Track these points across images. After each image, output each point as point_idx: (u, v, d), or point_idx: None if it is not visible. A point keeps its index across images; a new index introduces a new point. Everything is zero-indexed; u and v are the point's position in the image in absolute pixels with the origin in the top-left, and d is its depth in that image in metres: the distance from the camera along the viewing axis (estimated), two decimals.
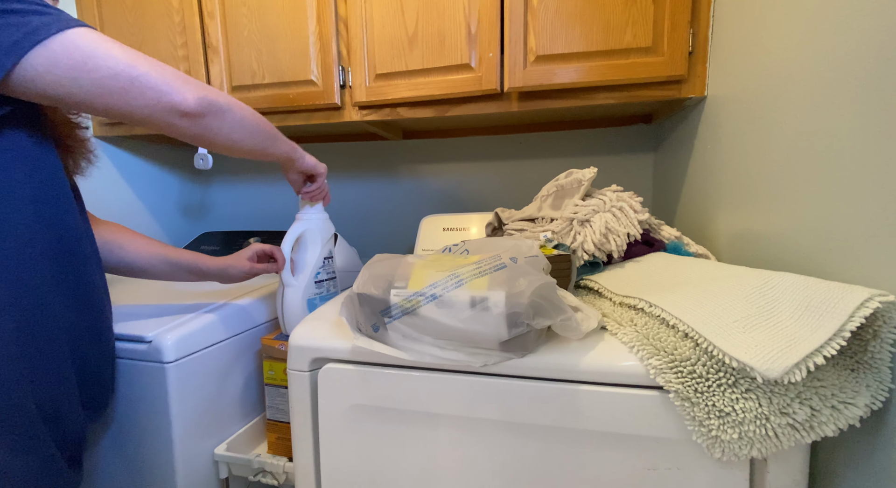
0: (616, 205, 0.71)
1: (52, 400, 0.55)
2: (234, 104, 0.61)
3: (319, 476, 0.61)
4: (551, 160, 1.27)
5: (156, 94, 0.52)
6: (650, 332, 0.50)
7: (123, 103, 0.51)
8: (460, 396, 0.53)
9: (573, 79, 0.88)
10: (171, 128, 0.56)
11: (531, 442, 0.52)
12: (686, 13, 0.83)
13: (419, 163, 1.37)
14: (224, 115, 0.59)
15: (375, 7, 0.97)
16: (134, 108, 0.52)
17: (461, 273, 0.50)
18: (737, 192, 0.73)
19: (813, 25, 0.54)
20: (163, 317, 0.77)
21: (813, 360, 0.38)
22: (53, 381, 0.56)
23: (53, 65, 0.47)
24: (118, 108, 0.52)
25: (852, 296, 0.40)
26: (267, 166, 1.49)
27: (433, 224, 1.14)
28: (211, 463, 0.79)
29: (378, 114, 1.03)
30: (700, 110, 0.89)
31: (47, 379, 0.55)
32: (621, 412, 0.49)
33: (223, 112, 0.59)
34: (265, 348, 0.80)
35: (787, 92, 0.59)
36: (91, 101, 0.50)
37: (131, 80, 0.50)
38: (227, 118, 0.60)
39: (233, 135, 0.62)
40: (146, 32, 1.10)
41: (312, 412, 0.60)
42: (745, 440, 0.42)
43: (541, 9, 0.87)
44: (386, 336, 0.51)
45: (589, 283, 0.67)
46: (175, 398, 0.71)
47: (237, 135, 0.62)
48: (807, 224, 0.55)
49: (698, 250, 0.75)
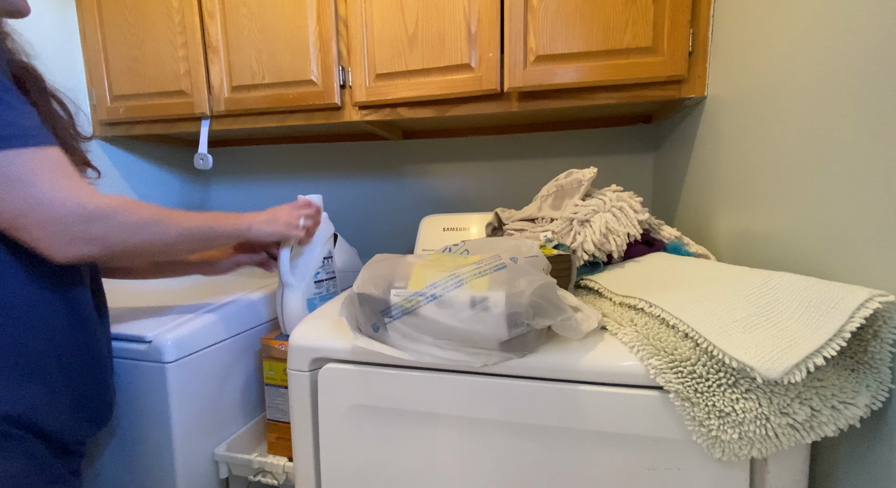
0: (616, 205, 0.71)
1: (44, 415, 0.54)
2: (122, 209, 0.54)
3: (319, 476, 0.61)
4: (551, 160, 1.27)
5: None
6: (650, 332, 0.50)
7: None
8: (460, 396, 0.53)
9: (573, 79, 0.88)
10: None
11: (531, 442, 0.52)
12: (686, 13, 0.83)
13: (419, 163, 1.37)
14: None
15: (375, 7, 0.97)
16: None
17: (461, 273, 0.50)
18: (737, 192, 0.73)
19: (813, 25, 0.54)
20: (163, 317, 0.77)
21: (813, 361, 0.38)
22: (44, 397, 0.54)
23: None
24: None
25: (852, 297, 0.40)
26: (266, 166, 1.49)
27: (433, 224, 1.14)
28: (211, 463, 0.79)
29: (378, 114, 1.03)
30: (700, 110, 0.89)
31: (38, 396, 0.54)
32: (621, 412, 0.49)
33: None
34: (265, 348, 0.80)
35: (786, 92, 0.59)
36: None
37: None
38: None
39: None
40: (146, 32, 1.10)
41: (312, 412, 0.60)
42: (745, 440, 0.42)
43: (541, 9, 0.87)
44: (386, 336, 0.51)
45: (589, 283, 0.67)
46: (175, 398, 0.71)
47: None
48: (807, 224, 0.55)
49: (698, 250, 0.75)
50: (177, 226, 0.59)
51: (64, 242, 0.49)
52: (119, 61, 1.13)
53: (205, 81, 1.09)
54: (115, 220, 0.52)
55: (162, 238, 0.57)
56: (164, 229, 0.57)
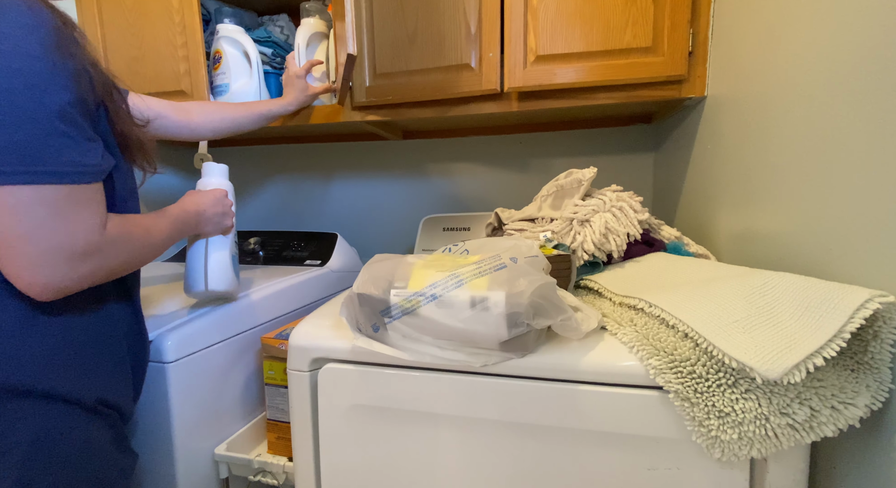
0: (616, 205, 0.71)
1: (122, 395, 0.61)
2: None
3: (319, 476, 0.61)
4: (551, 160, 1.27)
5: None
6: (650, 332, 0.50)
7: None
8: (460, 396, 0.53)
9: (573, 79, 0.88)
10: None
11: (531, 442, 0.52)
12: (686, 13, 0.83)
13: (419, 163, 1.37)
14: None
15: (375, 7, 0.97)
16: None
17: (461, 273, 0.50)
18: (737, 192, 0.73)
19: (813, 25, 0.54)
20: (163, 317, 0.77)
21: (813, 361, 0.38)
22: (119, 380, 0.61)
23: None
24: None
25: (852, 297, 0.40)
26: (266, 166, 1.49)
27: (433, 224, 1.15)
28: (211, 463, 0.79)
29: (378, 114, 1.03)
30: (700, 110, 0.89)
31: (114, 378, 0.60)
32: (621, 412, 0.49)
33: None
34: (265, 348, 0.80)
35: (786, 92, 0.59)
36: None
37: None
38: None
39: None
40: (146, 32, 1.10)
41: (312, 412, 0.60)
42: (745, 440, 0.43)
43: (541, 8, 0.87)
44: (386, 336, 0.51)
45: (589, 283, 0.67)
46: (175, 398, 0.71)
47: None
48: (807, 224, 0.55)
49: (698, 250, 0.75)
50: (158, 238, 0.62)
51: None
52: (119, 61, 1.13)
53: (205, 81, 1.09)
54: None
55: (143, 259, 0.60)
56: (147, 251, 0.60)
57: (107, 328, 0.58)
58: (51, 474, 0.51)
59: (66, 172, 0.46)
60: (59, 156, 0.45)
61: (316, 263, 1.16)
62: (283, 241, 1.26)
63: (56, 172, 0.45)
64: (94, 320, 0.57)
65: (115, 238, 0.53)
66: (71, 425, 0.53)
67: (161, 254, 0.64)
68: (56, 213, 0.46)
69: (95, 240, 0.50)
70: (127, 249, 0.55)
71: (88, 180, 0.48)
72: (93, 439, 0.56)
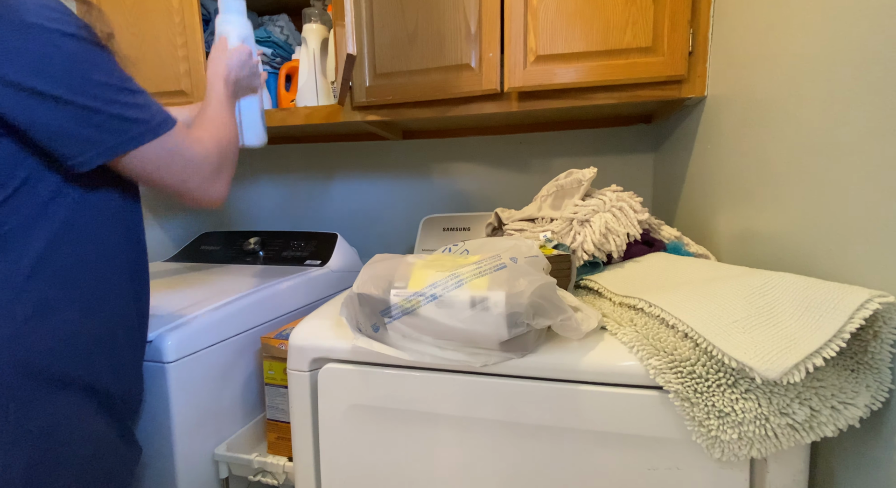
0: (616, 205, 0.71)
1: (129, 385, 0.64)
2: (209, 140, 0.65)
3: (319, 476, 0.61)
4: (551, 160, 1.27)
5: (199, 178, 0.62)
6: (650, 332, 0.50)
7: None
8: (460, 396, 0.53)
9: (573, 79, 0.88)
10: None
11: (531, 442, 0.52)
12: (686, 13, 0.83)
13: (419, 163, 1.37)
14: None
15: (375, 7, 0.97)
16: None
17: (461, 273, 0.50)
18: (737, 192, 0.73)
19: (813, 25, 0.54)
20: (163, 317, 0.77)
21: (812, 361, 0.38)
22: (132, 372, 0.64)
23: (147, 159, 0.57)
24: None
25: (852, 297, 0.40)
26: (266, 166, 1.49)
27: (433, 224, 1.15)
28: (211, 463, 0.79)
29: (378, 114, 1.03)
30: (700, 110, 0.89)
31: (128, 368, 0.63)
32: (621, 412, 0.49)
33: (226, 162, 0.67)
34: (265, 348, 0.80)
35: (786, 92, 0.59)
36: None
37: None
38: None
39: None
40: (146, 32, 1.10)
41: (312, 412, 0.60)
42: (745, 440, 0.43)
43: (541, 8, 0.87)
44: (386, 336, 0.51)
45: (589, 283, 0.67)
46: (175, 398, 0.71)
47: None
48: (807, 224, 0.55)
49: (698, 250, 0.75)
50: (226, 117, 0.72)
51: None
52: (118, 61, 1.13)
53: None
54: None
55: (232, 136, 0.69)
56: (229, 130, 0.70)
57: (120, 319, 0.61)
58: (60, 465, 0.52)
59: (164, 120, 0.57)
60: (157, 113, 0.57)
61: (316, 263, 1.16)
62: (283, 241, 1.26)
63: (161, 122, 0.57)
64: (109, 309, 0.59)
65: (205, 138, 0.63)
66: (81, 416, 0.55)
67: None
68: (182, 150, 0.58)
69: (209, 148, 0.62)
70: (218, 136, 0.66)
71: (174, 122, 0.59)
72: (101, 430, 0.58)
